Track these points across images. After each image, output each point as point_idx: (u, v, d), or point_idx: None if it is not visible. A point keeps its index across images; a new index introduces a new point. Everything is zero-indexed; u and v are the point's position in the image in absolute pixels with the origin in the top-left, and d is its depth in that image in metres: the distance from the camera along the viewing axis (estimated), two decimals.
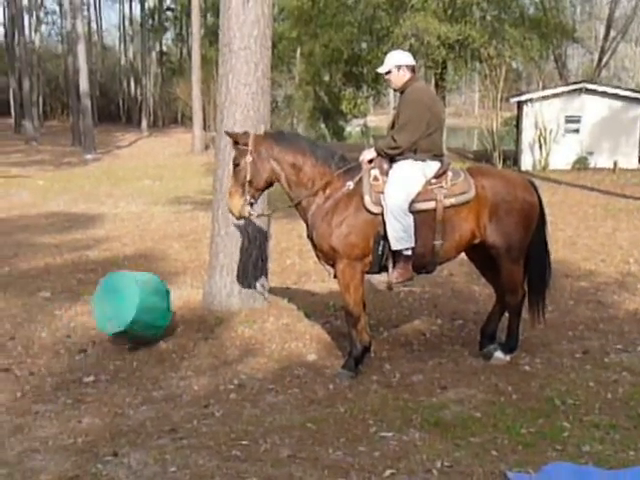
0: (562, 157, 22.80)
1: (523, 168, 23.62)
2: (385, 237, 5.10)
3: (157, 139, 39.12)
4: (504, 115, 27.99)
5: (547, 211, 5.68)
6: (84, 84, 30.97)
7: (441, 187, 5.17)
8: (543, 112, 23.18)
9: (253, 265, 6.70)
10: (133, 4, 61.63)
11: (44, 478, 3.70)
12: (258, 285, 6.78)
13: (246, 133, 5.31)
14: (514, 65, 32.89)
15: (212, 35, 43.27)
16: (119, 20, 67.41)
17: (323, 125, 49.26)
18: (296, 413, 4.50)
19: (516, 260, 5.36)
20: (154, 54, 57.62)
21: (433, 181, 5.20)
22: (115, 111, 60.33)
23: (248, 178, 5.20)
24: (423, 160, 5.19)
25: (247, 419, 4.42)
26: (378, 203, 5.09)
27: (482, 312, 6.73)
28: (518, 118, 25.94)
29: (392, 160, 5.25)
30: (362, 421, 4.36)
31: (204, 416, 4.49)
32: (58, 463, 3.86)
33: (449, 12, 28.42)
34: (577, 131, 23.10)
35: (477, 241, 5.32)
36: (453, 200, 5.16)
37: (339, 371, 5.25)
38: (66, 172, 23.57)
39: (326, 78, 42.75)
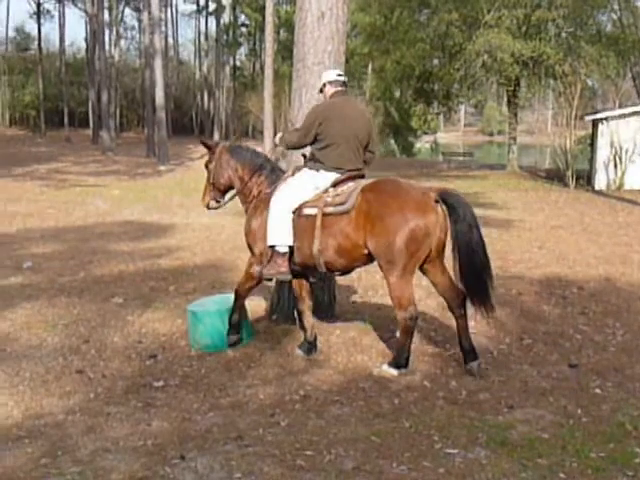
0: (638, 177, 22.26)
1: (597, 187, 23.16)
2: None
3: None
4: (578, 133, 27.48)
5: (619, 232, 5.54)
6: (160, 97, 31.81)
7: (328, 196, 5.53)
8: (619, 131, 22.70)
9: (320, 278, 6.75)
10: (209, 20, 63.04)
11: (115, 477, 3.81)
12: (325, 300, 6.83)
13: (217, 143, 6.45)
14: (589, 83, 32.31)
15: (285, 50, 43.92)
16: (195, 35, 69.02)
17: (392, 141, 49.31)
18: (361, 426, 4.51)
19: (400, 276, 5.28)
20: (228, 68, 58.67)
21: (330, 190, 5.57)
22: (188, 124, 61.74)
23: (212, 180, 6.36)
24: (317, 170, 5.66)
25: (312, 429, 4.45)
26: None
27: (552, 332, 6.64)
28: (593, 137, 25.45)
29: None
30: (427, 437, 4.34)
31: (270, 425, 4.54)
32: (128, 463, 3.97)
33: (523, 29, 28.16)
34: None
35: (366, 252, 5.40)
36: (331, 209, 5.46)
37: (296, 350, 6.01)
38: (140, 182, 24.19)
39: (397, 94, 42.86)
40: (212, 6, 59.74)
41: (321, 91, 5.97)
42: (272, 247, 5.64)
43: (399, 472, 3.87)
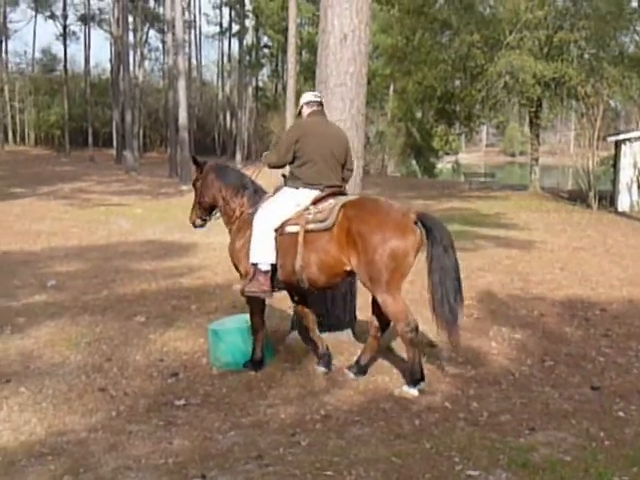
0: None
1: (620, 209, 23.00)
2: None
3: (250, 172, 39.96)
4: (601, 154, 27.35)
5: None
6: (183, 117, 32.08)
7: (309, 213, 5.62)
8: None
9: (342, 298, 6.77)
10: (232, 41, 63.66)
11: None
12: (346, 318, 6.84)
13: (205, 162, 6.46)
14: (612, 104, 32.15)
15: (307, 71, 44.26)
16: (218, 57, 69.72)
17: (414, 161, 49.35)
18: (381, 446, 4.50)
19: (386, 292, 5.37)
20: (250, 89, 59.20)
21: (311, 208, 5.66)
22: (211, 144, 62.17)
23: (198, 199, 6.44)
24: (296, 188, 5.79)
25: (332, 450, 4.45)
26: None
27: (574, 354, 6.59)
28: (616, 158, 25.33)
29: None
30: (448, 458, 4.32)
31: (290, 444, 4.54)
32: None
33: (545, 50, 28.12)
34: None
35: (348, 268, 5.51)
36: (312, 226, 5.57)
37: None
38: (163, 202, 24.37)
39: (418, 115, 42.90)
40: (235, 28, 60.45)
41: (300, 113, 6.19)
42: (255, 265, 5.74)
43: None
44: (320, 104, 6.07)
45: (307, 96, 6.15)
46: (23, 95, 63.48)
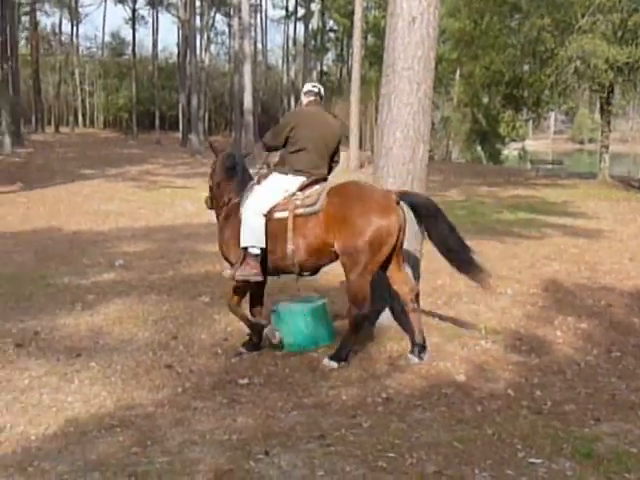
0: None
1: None
2: None
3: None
4: None
5: None
6: (248, 101, 32.37)
7: (297, 199, 5.79)
8: None
9: None
10: (297, 25, 63.69)
11: (201, 469, 3.92)
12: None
13: (222, 150, 6.73)
14: None
15: (372, 56, 43.96)
16: (283, 41, 69.86)
17: (479, 147, 48.61)
18: (443, 431, 4.50)
19: (360, 275, 5.55)
20: (315, 74, 59.13)
21: (298, 194, 5.84)
22: None
23: (210, 183, 6.57)
24: (285, 174, 5.95)
25: (394, 432, 4.46)
26: None
27: None
28: None
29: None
30: (510, 445, 4.29)
31: (352, 425, 4.58)
32: (214, 456, 4.08)
33: (619, 34, 27.25)
34: None
35: (334, 250, 5.67)
36: (301, 210, 5.75)
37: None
38: None
39: (485, 100, 42.20)
40: (301, 11, 60.42)
41: (301, 102, 6.47)
42: (245, 249, 5.85)
43: (481, 479, 3.85)
44: (317, 94, 6.34)
45: (306, 86, 6.45)
46: (93, 78, 65.01)
